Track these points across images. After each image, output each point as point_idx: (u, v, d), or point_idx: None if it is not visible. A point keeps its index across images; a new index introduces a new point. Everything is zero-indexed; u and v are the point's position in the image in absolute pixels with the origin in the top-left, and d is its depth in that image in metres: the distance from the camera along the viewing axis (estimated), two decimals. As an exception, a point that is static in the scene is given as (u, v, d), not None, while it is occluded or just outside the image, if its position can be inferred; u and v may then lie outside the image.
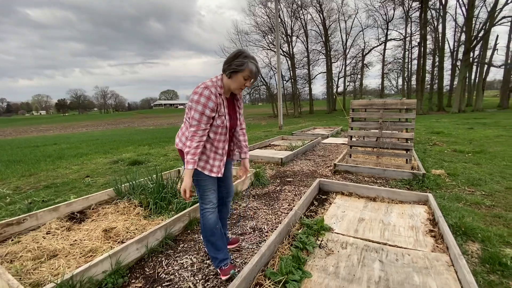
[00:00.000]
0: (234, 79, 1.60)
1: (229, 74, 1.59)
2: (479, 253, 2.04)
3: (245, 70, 1.57)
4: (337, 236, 2.23)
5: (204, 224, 1.79)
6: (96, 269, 1.71)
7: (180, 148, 1.76)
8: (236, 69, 1.56)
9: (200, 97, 1.54)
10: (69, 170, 5.12)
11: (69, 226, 2.52)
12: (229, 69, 1.58)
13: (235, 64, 1.56)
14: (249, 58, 1.57)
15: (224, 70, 1.61)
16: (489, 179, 3.75)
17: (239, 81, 1.60)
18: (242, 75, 1.58)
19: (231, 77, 1.60)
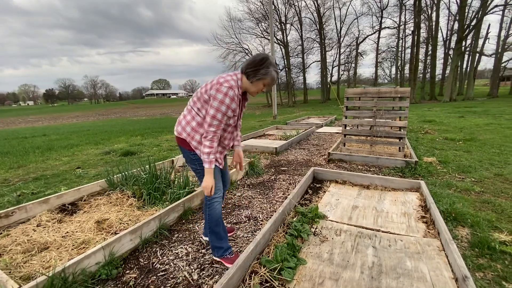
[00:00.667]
0: (254, 84, 1.61)
1: (252, 79, 1.59)
2: (469, 238, 2.10)
3: (268, 78, 1.59)
4: (331, 224, 2.25)
5: (211, 214, 1.77)
6: (89, 261, 1.69)
7: (184, 137, 1.69)
8: (260, 77, 1.57)
9: (225, 98, 1.51)
10: (59, 162, 5.01)
11: (60, 218, 2.47)
12: (254, 75, 1.58)
13: (261, 72, 1.56)
14: (273, 66, 1.59)
15: (247, 74, 1.59)
16: (479, 166, 3.84)
17: (259, 87, 1.63)
18: (263, 82, 1.61)
19: (253, 82, 1.60)
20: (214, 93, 1.52)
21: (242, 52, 31.54)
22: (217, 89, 1.52)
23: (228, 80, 1.55)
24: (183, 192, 2.68)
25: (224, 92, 1.51)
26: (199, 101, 1.63)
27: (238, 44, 31.45)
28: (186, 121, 1.69)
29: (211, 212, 1.77)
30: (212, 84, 1.58)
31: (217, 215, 1.78)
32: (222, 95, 1.50)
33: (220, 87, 1.51)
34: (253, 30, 31.26)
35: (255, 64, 1.56)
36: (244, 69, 1.60)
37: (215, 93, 1.52)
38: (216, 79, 1.59)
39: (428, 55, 28.00)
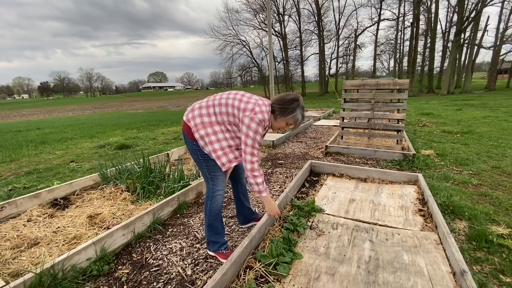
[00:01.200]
0: (278, 121, 1.63)
1: (276, 115, 1.61)
2: (466, 231, 2.08)
3: (291, 119, 1.61)
4: (328, 217, 2.22)
5: (211, 207, 1.74)
6: (79, 257, 1.64)
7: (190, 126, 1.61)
8: (284, 116, 1.59)
9: (258, 128, 1.54)
10: (52, 155, 4.92)
11: (51, 213, 2.42)
12: (279, 113, 1.59)
13: (286, 112, 1.58)
14: (300, 108, 1.60)
15: (273, 108, 1.61)
16: (476, 159, 3.82)
17: (281, 125, 1.65)
18: (286, 121, 1.62)
19: (276, 119, 1.62)
20: (249, 121, 1.51)
21: (239, 44, 31.12)
22: (252, 118, 1.51)
23: (263, 111, 1.54)
24: (178, 186, 2.63)
25: (257, 122, 1.52)
26: (225, 107, 1.58)
27: (236, 36, 31.00)
28: (200, 113, 1.61)
29: (212, 204, 1.74)
30: (246, 107, 1.54)
31: (218, 208, 1.76)
32: (257, 125, 1.52)
33: (255, 116, 1.51)
34: (250, 22, 30.77)
35: (283, 102, 1.58)
36: (272, 104, 1.61)
37: (250, 122, 1.51)
38: (252, 105, 1.55)
39: (427, 48, 27.79)
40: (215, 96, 1.65)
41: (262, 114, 1.53)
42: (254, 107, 1.54)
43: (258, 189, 1.65)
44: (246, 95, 1.62)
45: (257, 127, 1.51)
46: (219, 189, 1.74)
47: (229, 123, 1.60)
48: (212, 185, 1.74)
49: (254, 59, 32.65)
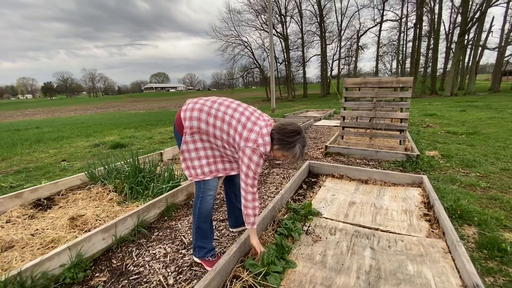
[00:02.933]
0: (274, 151, 1.50)
1: (274, 144, 1.47)
2: (476, 238, 1.91)
3: (289, 153, 1.48)
4: (326, 221, 2.07)
5: (201, 209, 1.61)
6: (51, 263, 1.50)
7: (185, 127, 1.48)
8: (282, 148, 1.46)
9: (260, 160, 1.45)
10: (45, 154, 4.80)
11: (32, 214, 2.28)
12: (277, 142, 1.45)
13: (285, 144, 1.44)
14: (301, 143, 1.46)
15: (272, 136, 1.46)
16: (484, 160, 3.64)
17: (277, 154, 1.52)
18: (283, 153, 1.49)
19: (273, 148, 1.48)
20: (251, 154, 1.41)
21: (241, 45, 31.02)
22: (253, 150, 1.41)
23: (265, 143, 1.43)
24: (167, 187, 2.48)
25: (258, 155, 1.43)
26: (227, 126, 1.46)
27: (237, 36, 30.87)
28: (199, 117, 1.47)
29: (202, 205, 1.60)
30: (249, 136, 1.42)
31: (207, 210, 1.62)
32: (258, 157, 1.43)
33: (257, 149, 1.41)
34: (252, 23, 30.61)
35: (284, 132, 1.44)
36: (273, 132, 1.45)
37: (252, 154, 1.41)
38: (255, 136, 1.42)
39: (430, 49, 27.53)
40: (219, 107, 1.49)
41: (265, 147, 1.42)
42: (257, 138, 1.42)
43: (253, 221, 1.55)
44: (251, 119, 1.47)
45: (259, 160, 1.43)
46: (210, 188, 1.60)
47: (228, 143, 1.50)
48: (203, 184, 1.59)
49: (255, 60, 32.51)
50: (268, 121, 1.50)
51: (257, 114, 1.53)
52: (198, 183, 1.60)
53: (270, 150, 1.45)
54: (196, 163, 1.54)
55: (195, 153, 1.53)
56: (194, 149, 1.53)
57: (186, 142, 1.51)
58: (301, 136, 1.46)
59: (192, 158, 1.54)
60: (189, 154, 1.53)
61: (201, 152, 1.54)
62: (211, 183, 1.59)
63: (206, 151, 1.55)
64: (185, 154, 1.54)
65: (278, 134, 1.44)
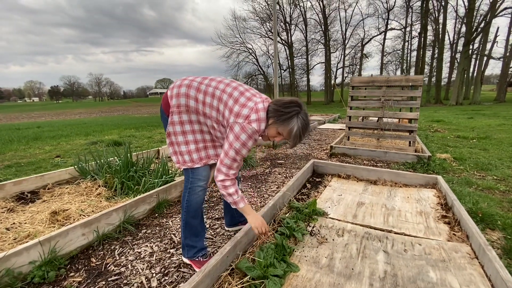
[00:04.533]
0: (269, 127, 1.27)
1: (269, 119, 1.26)
2: (502, 243, 1.69)
3: (284, 128, 1.23)
4: (332, 222, 1.86)
5: (189, 201, 1.41)
6: (18, 259, 1.31)
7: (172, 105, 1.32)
8: (277, 122, 1.22)
9: (248, 141, 1.24)
10: (40, 151, 4.66)
11: (13, 207, 2.10)
12: (272, 116, 1.23)
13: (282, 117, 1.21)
14: (299, 116, 1.22)
15: (268, 110, 1.26)
16: (499, 164, 3.42)
17: (271, 132, 1.28)
18: (278, 129, 1.25)
19: (268, 123, 1.27)
20: (239, 131, 1.20)
21: (245, 51, 31.25)
22: (243, 128, 1.20)
23: (260, 119, 1.22)
24: (159, 181, 2.30)
25: (249, 134, 1.21)
26: (218, 101, 1.27)
27: (242, 43, 31.14)
28: (187, 93, 1.29)
29: (190, 197, 1.41)
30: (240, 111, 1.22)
31: (197, 204, 1.42)
32: (247, 137, 1.22)
33: (248, 126, 1.20)
34: (257, 30, 30.89)
35: (281, 103, 1.23)
36: (270, 107, 1.26)
37: (240, 132, 1.20)
38: (248, 110, 1.22)
39: (434, 58, 27.45)
40: (211, 82, 1.32)
41: (258, 123, 1.21)
42: (250, 114, 1.21)
43: (233, 200, 1.33)
44: (246, 94, 1.28)
45: (247, 140, 1.22)
46: (200, 178, 1.40)
47: (217, 121, 1.30)
48: (192, 174, 1.40)
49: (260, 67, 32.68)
50: (265, 99, 1.31)
51: (253, 91, 1.34)
52: (187, 172, 1.41)
53: (265, 129, 1.25)
54: (183, 148, 1.35)
55: (182, 137, 1.34)
56: (181, 132, 1.34)
57: (173, 123, 1.33)
58: (301, 109, 1.23)
59: (179, 142, 1.35)
60: (175, 137, 1.35)
61: (189, 136, 1.35)
62: (200, 172, 1.39)
63: (195, 135, 1.35)
64: (171, 137, 1.36)
65: (274, 105, 1.24)
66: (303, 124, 1.22)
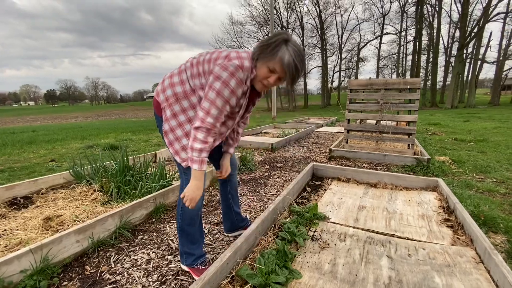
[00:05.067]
0: (258, 68, 1.13)
1: (256, 59, 1.13)
2: (505, 247, 1.67)
3: (274, 59, 1.08)
4: (334, 226, 1.82)
5: (184, 209, 1.34)
6: (8, 268, 1.25)
7: (160, 101, 1.27)
8: (265, 54, 1.09)
9: (231, 79, 1.08)
10: (34, 155, 4.57)
11: (4, 213, 2.04)
12: (259, 53, 1.11)
13: (268, 48, 1.08)
14: (288, 44, 1.07)
15: (254, 50, 1.15)
16: (498, 166, 3.42)
17: (262, 72, 1.13)
18: (268, 65, 1.10)
19: (257, 64, 1.14)
20: (218, 70, 1.08)
21: (242, 55, 31.36)
22: (223, 66, 1.08)
23: (242, 57, 1.12)
24: (156, 186, 2.25)
25: (230, 71, 1.08)
26: (196, 67, 1.20)
27: (240, 47, 31.29)
28: (171, 82, 1.25)
29: (185, 205, 1.34)
30: (219, 56, 1.15)
31: (192, 211, 1.35)
32: (229, 74, 1.08)
33: (228, 62, 1.09)
34: (255, 34, 31.09)
35: (266, 39, 1.11)
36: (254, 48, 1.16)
37: (220, 70, 1.08)
38: (227, 52, 1.15)
39: (429, 62, 27.82)
40: (193, 59, 1.26)
41: (240, 60, 1.10)
42: (230, 53, 1.13)
43: (190, 156, 1.15)
44: (230, 51, 1.17)
45: (229, 78, 1.07)
46: None
47: (201, 86, 1.19)
48: (186, 180, 1.33)
49: (257, 71, 32.80)
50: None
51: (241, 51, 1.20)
52: (182, 177, 1.36)
53: (250, 67, 1.12)
54: (185, 141, 1.26)
55: (180, 130, 1.26)
56: (178, 125, 1.26)
57: (167, 119, 1.26)
58: (288, 36, 1.08)
59: (179, 137, 1.27)
60: (173, 134, 1.27)
61: (187, 126, 1.25)
62: None
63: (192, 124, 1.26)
64: (169, 135, 1.28)
65: (259, 43, 1.13)
66: (295, 51, 1.07)
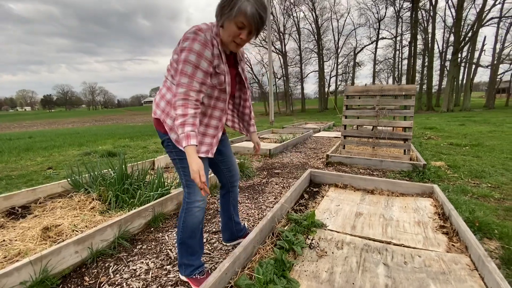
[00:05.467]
0: (226, 29, 1.14)
1: (220, 21, 1.14)
2: (500, 253, 1.70)
3: (238, 14, 1.07)
4: (331, 234, 1.84)
5: (185, 222, 1.34)
6: (8, 280, 1.26)
7: (158, 116, 1.28)
8: (227, 15, 1.09)
9: (193, 43, 1.08)
10: (32, 162, 4.56)
11: (2, 223, 2.04)
12: (220, 14, 1.12)
13: (227, 4, 1.09)
14: None
15: (216, 14, 1.15)
16: (493, 171, 3.47)
17: (231, 30, 1.13)
18: (235, 21, 1.10)
19: (223, 25, 1.14)
20: (181, 44, 1.12)
21: (240, 60, 31.58)
22: (183, 38, 1.11)
23: (199, 26, 1.14)
24: (154, 194, 2.26)
25: (191, 38, 1.09)
26: (171, 66, 1.23)
27: (237, 52, 31.46)
28: (161, 95, 1.28)
29: (187, 218, 1.35)
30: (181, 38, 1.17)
31: (194, 224, 1.36)
32: (190, 41, 1.09)
33: (186, 34, 1.11)
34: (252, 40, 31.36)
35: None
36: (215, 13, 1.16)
37: (182, 44, 1.11)
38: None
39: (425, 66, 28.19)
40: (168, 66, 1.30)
41: (197, 26, 1.12)
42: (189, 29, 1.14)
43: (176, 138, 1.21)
44: None
45: (191, 43, 1.07)
46: (197, 199, 1.34)
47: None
48: (188, 194, 1.35)
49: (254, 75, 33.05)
50: None
51: None
52: (184, 191, 1.37)
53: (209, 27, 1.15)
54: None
55: None
56: None
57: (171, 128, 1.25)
58: None
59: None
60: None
61: None
62: (198, 192, 1.33)
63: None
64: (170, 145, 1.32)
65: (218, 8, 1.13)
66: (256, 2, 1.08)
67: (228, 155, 1.57)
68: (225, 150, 1.55)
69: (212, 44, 1.14)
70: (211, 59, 1.14)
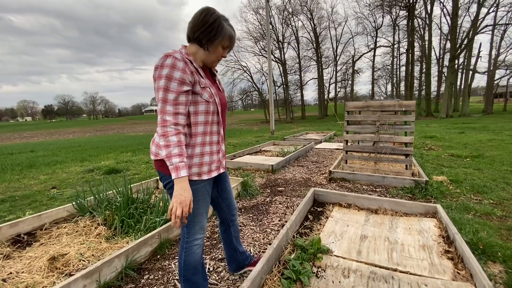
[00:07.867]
0: (213, 51, 1.24)
1: (206, 45, 1.21)
2: (504, 277, 1.71)
3: (226, 37, 1.22)
4: (337, 260, 1.85)
5: (187, 261, 1.32)
6: (18, 321, 1.27)
7: (155, 154, 1.29)
8: (214, 38, 1.20)
9: (161, 70, 1.10)
10: (35, 181, 4.58)
11: (9, 253, 2.05)
12: (208, 38, 1.19)
13: (214, 29, 1.18)
14: (224, 19, 1.22)
15: (199, 39, 1.20)
16: (494, 186, 3.48)
17: (218, 53, 1.26)
18: (221, 44, 1.24)
19: (209, 48, 1.22)
20: (156, 74, 1.12)
21: (240, 69, 31.96)
22: (155, 68, 1.13)
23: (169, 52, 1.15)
24: (160, 220, 2.27)
25: (159, 66, 1.10)
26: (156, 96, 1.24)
27: (237, 61, 31.90)
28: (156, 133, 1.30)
29: (188, 257, 1.32)
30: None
31: (196, 261, 1.34)
32: (158, 70, 1.10)
33: (157, 63, 1.13)
34: (251, 49, 31.79)
35: (200, 22, 1.17)
36: (191, 35, 1.21)
37: (156, 72, 1.12)
38: None
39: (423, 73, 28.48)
40: None
41: (164, 54, 1.13)
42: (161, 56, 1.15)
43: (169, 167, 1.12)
44: None
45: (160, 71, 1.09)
46: (197, 237, 1.32)
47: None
48: (188, 233, 1.31)
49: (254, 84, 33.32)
50: None
51: None
52: (182, 229, 1.33)
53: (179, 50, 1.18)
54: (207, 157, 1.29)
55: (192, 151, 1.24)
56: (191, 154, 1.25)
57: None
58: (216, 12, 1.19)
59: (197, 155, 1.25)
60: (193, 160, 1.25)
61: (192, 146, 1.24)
62: (198, 230, 1.31)
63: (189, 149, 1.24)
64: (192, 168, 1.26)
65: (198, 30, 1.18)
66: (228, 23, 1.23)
67: (229, 191, 1.58)
68: (227, 186, 1.56)
69: (185, 62, 1.14)
70: (182, 78, 1.12)
